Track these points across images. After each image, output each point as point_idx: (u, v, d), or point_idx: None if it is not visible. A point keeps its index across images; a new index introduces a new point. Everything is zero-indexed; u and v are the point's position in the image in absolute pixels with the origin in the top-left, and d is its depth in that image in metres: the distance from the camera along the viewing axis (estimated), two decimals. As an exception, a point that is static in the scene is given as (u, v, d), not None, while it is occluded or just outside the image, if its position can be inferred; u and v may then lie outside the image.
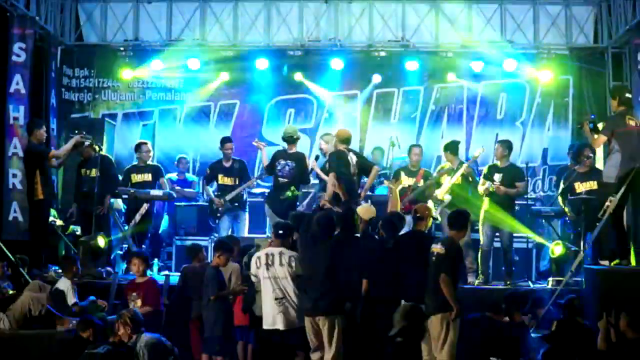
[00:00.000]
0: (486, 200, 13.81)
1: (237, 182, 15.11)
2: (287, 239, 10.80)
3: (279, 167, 14.08)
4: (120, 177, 15.34)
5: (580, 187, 13.75)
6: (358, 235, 11.16)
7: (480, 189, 13.86)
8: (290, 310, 10.46)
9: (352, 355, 10.47)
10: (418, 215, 11.22)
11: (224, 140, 15.50)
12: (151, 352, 9.73)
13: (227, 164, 15.24)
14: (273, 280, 10.53)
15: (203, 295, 11.25)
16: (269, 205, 14.36)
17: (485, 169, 14.22)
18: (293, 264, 10.50)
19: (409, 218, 12.59)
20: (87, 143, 14.10)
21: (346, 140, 13.41)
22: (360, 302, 10.60)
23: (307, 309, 10.34)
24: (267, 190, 15.58)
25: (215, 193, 15.27)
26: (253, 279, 10.81)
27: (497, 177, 13.86)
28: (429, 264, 10.31)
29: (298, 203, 14.64)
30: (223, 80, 18.04)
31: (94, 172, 14.31)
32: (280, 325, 10.48)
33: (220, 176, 15.20)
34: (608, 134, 11.90)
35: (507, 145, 14.34)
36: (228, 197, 15.00)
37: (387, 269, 10.57)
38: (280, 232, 10.85)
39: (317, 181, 14.80)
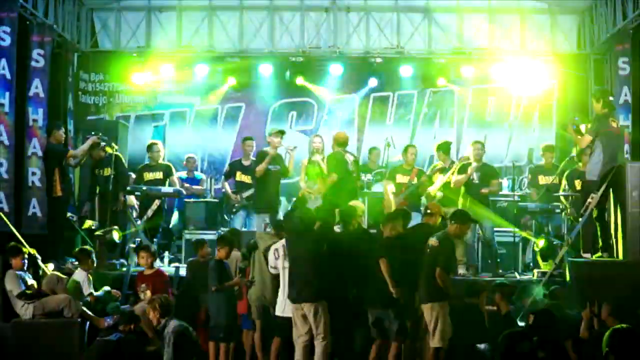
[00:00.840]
0: (463, 196, 13.78)
1: (253, 181, 15.00)
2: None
3: None
4: (134, 176, 15.37)
5: (579, 185, 13.71)
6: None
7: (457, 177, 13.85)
8: None
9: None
10: (429, 211, 11.19)
11: (246, 138, 15.57)
12: (177, 338, 9.68)
13: (246, 163, 15.18)
14: (284, 271, 10.55)
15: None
16: None
17: (459, 165, 14.09)
18: None
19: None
20: (102, 144, 14.08)
21: (343, 144, 13.61)
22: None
23: (292, 297, 10.27)
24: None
25: (232, 190, 15.28)
26: (272, 270, 10.76)
27: (475, 175, 13.81)
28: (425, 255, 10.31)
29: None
30: (230, 84, 18.02)
31: (107, 171, 14.31)
32: (286, 314, 10.49)
33: (238, 173, 15.19)
34: (593, 134, 11.89)
35: (483, 145, 14.32)
36: (245, 194, 14.96)
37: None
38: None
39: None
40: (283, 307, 10.52)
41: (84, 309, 11.15)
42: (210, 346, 11.25)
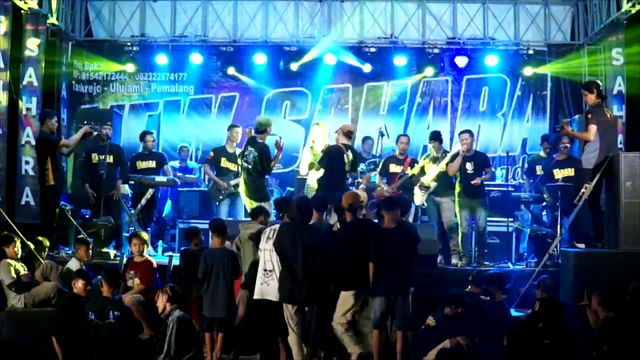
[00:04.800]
0: (458, 186, 13.76)
1: (239, 169, 14.81)
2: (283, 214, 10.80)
3: (245, 153, 13.82)
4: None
5: (559, 174, 13.73)
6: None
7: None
8: (273, 284, 10.25)
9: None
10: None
11: (233, 126, 15.39)
12: (179, 327, 9.67)
13: (231, 150, 14.98)
14: (267, 252, 10.37)
15: (214, 276, 11.06)
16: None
17: (452, 156, 14.00)
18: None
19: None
20: (95, 133, 13.99)
21: (348, 134, 13.22)
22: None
23: (285, 298, 10.06)
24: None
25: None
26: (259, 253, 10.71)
27: (469, 165, 13.76)
28: None
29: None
30: (224, 73, 18.00)
31: (109, 158, 14.34)
32: (264, 296, 10.34)
33: (223, 160, 14.86)
34: (596, 122, 11.86)
35: (472, 134, 14.28)
36: (232, 182, 14.73)
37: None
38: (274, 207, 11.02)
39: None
40: (258, 290, 10.40)
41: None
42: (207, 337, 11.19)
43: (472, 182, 13.60)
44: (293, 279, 9.96)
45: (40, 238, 12.34)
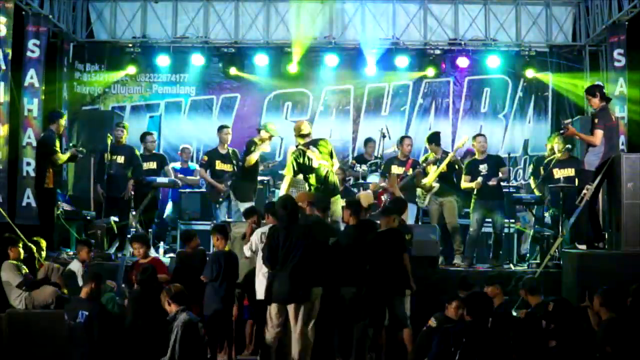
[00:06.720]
0: (476, 189, 13.74)
1: (234, 169, 14.80)
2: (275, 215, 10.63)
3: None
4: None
5: (558, 174, 13.73)
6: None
7: (467, 184, 13.75)
8: None
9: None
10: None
11: (223, 126, 15.29)
12: (184, 331, 9.53)
13: (224, 151, 14.96)
14: None
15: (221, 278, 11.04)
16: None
17: (465, 163, 14.05)
18: None
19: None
20: (80, 156, 13.98)
21: (302, 135, 12.82)
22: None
23: (279, 297, 9.99)
24: (265, 178, 15.52)
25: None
26: (249, 254, 10.67)
27: (483, 167, 13.74)
28: None
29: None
30: (225, 74, 18.02)
31: (121, 159, 14.44)
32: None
33: (217, 162, 14.84)
34: (602, 127, 11.83)
35: (485, 137, 14.27)
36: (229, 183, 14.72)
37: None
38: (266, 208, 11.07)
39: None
40: (261, 291, 10.34)
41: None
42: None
43: (489, 183, 13.56)
44: (278, 279, 9.97)
45: (35, 238, 12.29)
